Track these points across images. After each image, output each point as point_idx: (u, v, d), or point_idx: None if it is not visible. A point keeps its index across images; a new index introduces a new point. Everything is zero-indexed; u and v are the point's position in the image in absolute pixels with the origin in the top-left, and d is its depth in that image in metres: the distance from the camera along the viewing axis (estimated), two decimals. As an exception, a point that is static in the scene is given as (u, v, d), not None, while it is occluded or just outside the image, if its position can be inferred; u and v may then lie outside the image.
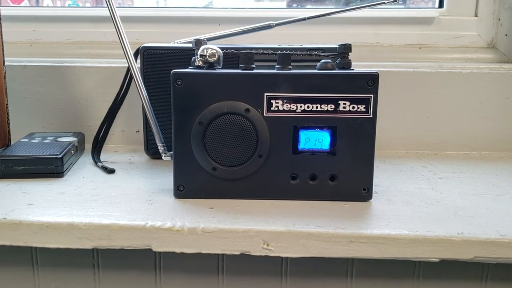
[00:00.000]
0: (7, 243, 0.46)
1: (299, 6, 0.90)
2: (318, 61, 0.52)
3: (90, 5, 0.95)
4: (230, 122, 0.50)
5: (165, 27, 0.83)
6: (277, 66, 0.51)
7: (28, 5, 0.91)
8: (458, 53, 0.81)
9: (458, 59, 0.80)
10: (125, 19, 0.59)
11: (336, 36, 0.80)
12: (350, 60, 0.53)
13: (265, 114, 0.50)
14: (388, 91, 0.72)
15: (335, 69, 0.51)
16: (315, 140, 0.51)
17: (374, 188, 0.52)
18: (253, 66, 0.51)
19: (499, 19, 0.80)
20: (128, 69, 0.67)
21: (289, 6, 0.91)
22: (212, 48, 0.51)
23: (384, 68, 0.73)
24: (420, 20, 0.81)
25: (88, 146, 0.71)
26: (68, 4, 0.96)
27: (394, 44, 0.82)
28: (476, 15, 0.81)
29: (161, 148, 0.57)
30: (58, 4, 0.95)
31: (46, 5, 0.92)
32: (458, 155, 0.74)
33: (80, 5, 0.95)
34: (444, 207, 0.51)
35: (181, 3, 0.89)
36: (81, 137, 0.70)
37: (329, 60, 0.52)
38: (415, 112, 0.74)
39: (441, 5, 0.83)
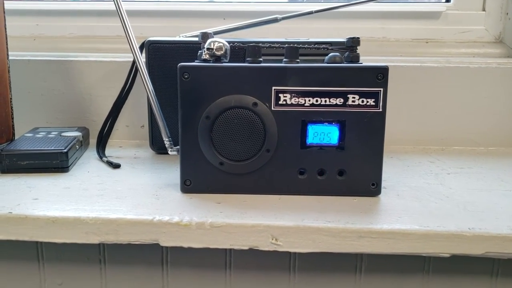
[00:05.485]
0: (13, 238, 0.46)
1: (304, 1, 0.90)
2: (326, 54, 0.51)
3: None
4: (237, 116, 0.49)
5: (169, 21, 0.82)
6: (284, 59, 0.51)
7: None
8: (465, 47, 0.80)
9: (466, 54, 0.79)
10: (129, 13, 0.58)
11: (343, 30, 0.80)
12: (358, 53, 0.52)
13: (273, 108, 0.49)
14: (394, 85, 0.71)
15: (344, 63, 0.51)
16: (324, 134, 0.50)
17: (383, 183, 0.52)
18: (261, 59, 0.50)
19: (507, 13, 0.79)
20: (133, 63, 0.66)
21: (291, 1, 0.90)
22: (219, 41, 0.50)
23: (391, 63, 0.72)
24: (427, 15, 0.81)
25: (93, 141, 0.70)
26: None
27: (401, 39, 0.81)
28: (483, 10, 0.80)
29: (167, 143, 0.56)
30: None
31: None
32: (465, 151, 0.73)
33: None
34: (453, 202, 0.50)
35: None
36: (85, 132, 0.70)
37: (338, 54, 0.51)
38: (422, 107, 0.74)
39: (448, -1, 0.82)
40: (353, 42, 0.53)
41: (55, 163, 0.58)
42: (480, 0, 0.80)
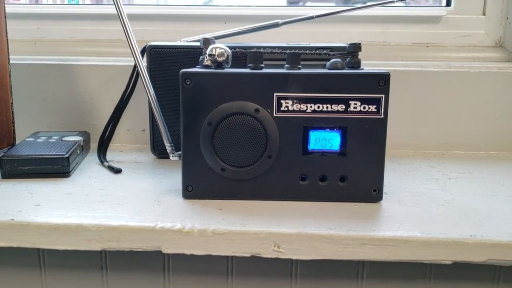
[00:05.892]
0: (15, 244, 0.45)
1: (304, 4, 0.90)
2: (327, 60, 0.51)
3: (90, 3, 0.94)
4: (239, 123, 0.49)
5: (170, 25, 0.82)
6: (286, 65, 0.51)
7: (29, 2, 0.91)
8: (465, 52, 0.80)
9: (466, 58, 0.79)
10: (130, 17, 0.58)
11: (343, 34, 0.80)
12: (359, 59, 0.52)
13: (274, 114, 0.49)
14: (395, 90, 0.71)
15: (345, 69, 0.51)
16: (325, 140, 0.50)
17: (384, 189, 0.52)
18: (262, 65, 0.50)
19: (507, 18, 0.79)
20: (135, 68, 0.66)
21: (289, 4, 0.90)
22: (221, 47, 0.50)
23: (392, 67, 0.72)
24: (427, 19, 0.81)
25: (94, 145, 0.70)
26: (68, 1, 0.95)
27: (402, 43, 0.81)
28: (484, 14, 0.80)
29: (168, 148, 0.56)
30: (59, 1, 0.94)
31: (48, 3, 0.91)
32: (466, 155, 0.73)
33: (80, 2, 0.94)
34: (455, 209, 0.50)
35: (183, 1, 0.88)
36: (86, 136, 0.70)
37: (339, 60, 0.51)
38: (422, 111, 0.74)
39: (448, 3, 0.82)
40: (355, 48, 0.53)
41: (56, 168, 0.58)
42: (481, 5, 0.80)
